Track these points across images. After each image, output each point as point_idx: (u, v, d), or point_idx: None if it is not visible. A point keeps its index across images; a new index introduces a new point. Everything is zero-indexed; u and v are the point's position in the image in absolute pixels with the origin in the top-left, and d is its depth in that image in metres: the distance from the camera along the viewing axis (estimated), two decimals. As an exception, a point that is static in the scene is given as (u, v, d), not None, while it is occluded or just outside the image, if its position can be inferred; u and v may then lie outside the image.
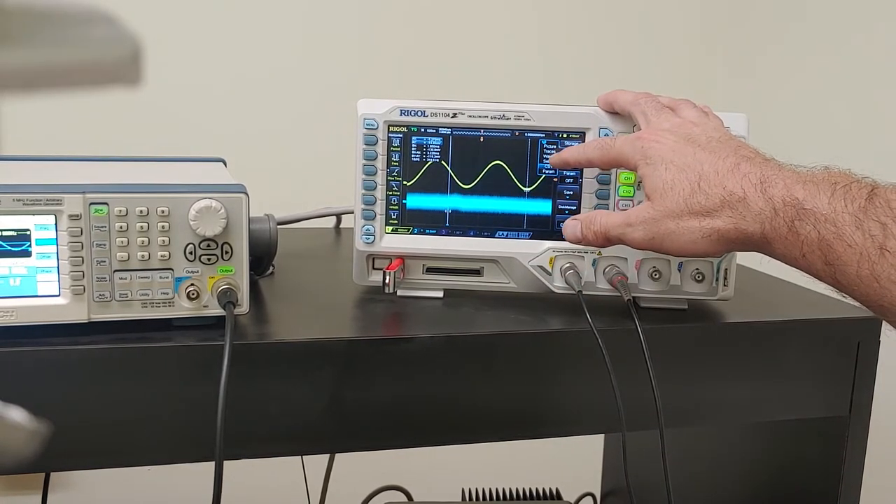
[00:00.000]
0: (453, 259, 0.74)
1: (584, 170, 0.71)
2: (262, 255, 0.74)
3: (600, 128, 0.70)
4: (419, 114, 0.71)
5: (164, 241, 0.60)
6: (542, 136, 0.71)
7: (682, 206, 0.59)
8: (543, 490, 1.16)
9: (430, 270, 0.74)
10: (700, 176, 0.59)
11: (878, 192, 0.54)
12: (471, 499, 1.16)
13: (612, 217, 0.64)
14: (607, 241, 0.65)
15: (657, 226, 0.61)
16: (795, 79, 1.57)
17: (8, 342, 0.57)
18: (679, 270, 0.72)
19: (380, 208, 0.72)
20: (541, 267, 0.72)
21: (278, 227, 0.75)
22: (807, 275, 0.58)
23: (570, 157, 0.68)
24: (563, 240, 0.72)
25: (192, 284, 0.61)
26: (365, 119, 0.71)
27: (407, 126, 0.72)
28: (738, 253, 0.72)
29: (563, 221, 0.72)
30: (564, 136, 0.71)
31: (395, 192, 0.73)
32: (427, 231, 0.73)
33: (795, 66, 1.57)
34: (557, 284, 0.72)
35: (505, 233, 0.73)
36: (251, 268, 0.68)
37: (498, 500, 1.16)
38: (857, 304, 0.57)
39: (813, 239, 0.55)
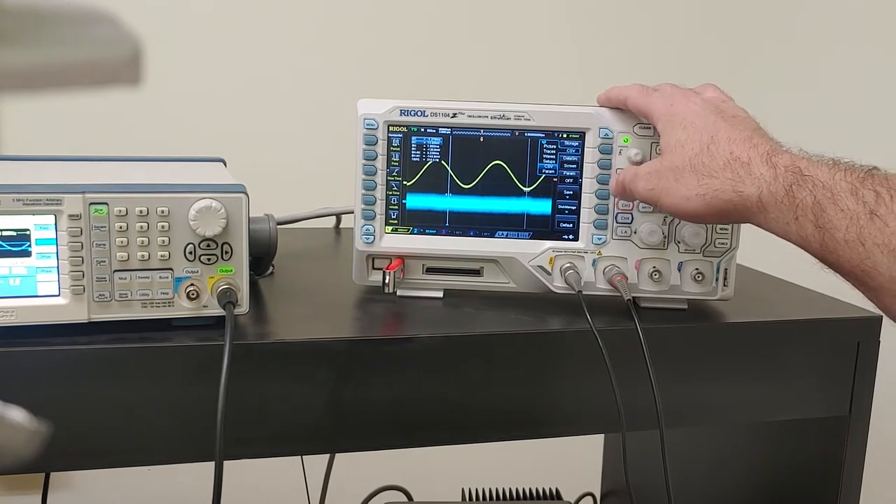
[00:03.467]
0: (453, 259, 0.74)
1: (584, 170, 0.71)
2: (262, 255, 0.74)
3: (600, 128, 0.70)
4: (419, 114, 0.71)
5: (163, 241, 0.60)
6: (542, 135, 0.71)
7: (687, 163, 0.61)
8: (543, 490, 1.16)
9: (429, 270, 0.74)
10: (712, 139, 0.61)
11: (878, 170, 0.56)
12: (471, 499, 1.16)
13: (631, 168, 0.67)
14: (623, 190, 0.68)
15: (659, 179, 0.63)
16: (795, 79, 1.57)
17: (8, 342, 0.57)
18: (679, 270, 0.72)
19: (380, 208, 0.72)
20: (541, 267, 0.72)
21: (278, 227, 0.75)
22: (793, 245, 0.59)
23: (612, 94, 0.70)
24: (563, 240, 0.72)
25: (191, 284, 0.61)
26: (365, 119, 0.71)
27: (407, 126, 0.72)
28: (738, 253, 0.72)
29: (563, 221, 0.72)
30: (564, 136, 0.71)
31: (395, 192, 0.73)
32: (427, 231, 0.73)
33: (795, 65, 1.57)
34: (557, 284, 0.72)
35: (505, 233, 0.73)
36: (251, 268, 0.68)
37: (498, 500, 1.16)
38: (845, 283, 0.58)
39: (808, 203, 0.56)
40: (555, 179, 0.72)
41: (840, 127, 1.45)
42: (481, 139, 0.72)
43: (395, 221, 0.73)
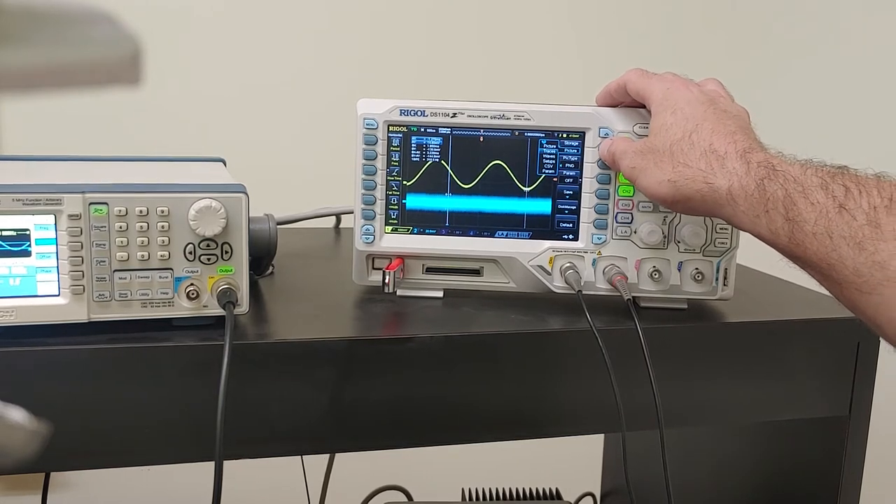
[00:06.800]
0: (453, 259, 0.74)
1: (584, 169, 0.71)
2: (262, 255, 0.74)
3: (600, 127, 0.70)
4: (419, 114, 0.71)
5: (163, 241, 0.60)
6: (541, 135, 0.71)
7: (666, 148, 0.62)
8: (543, 490, 1.16)
9: (429, 270, 0.74)
10: (696, 128, 0.62)
11: (848, 168, 0.57)
12: (471, 499, 1.16)
13: (624, 142, 0.68)
14: (612, 161, 0.69)
15: (640, 159, 0.64)
16: (793, 82, 1.57)
17: (8, 342, 0.57)
18: (679, 270, 0.72)
19: (379, 208, 0.72)
20: (540, 267, 0.72)
21: (278, 226, 0.75)
22: (760, 240, 0.59)
23: (611, 85, 0.71)
24: (563, 240, 0.72)
25: (191, 284, 0.61)
26: (365, 119, 0.71)
27: (407, 126, 0.72)
28: (738, 253, 0.72)
29: (562, 221, 0.72)
30: (564, 135, 0.71)
31: (395, 192, 0.73)
32: (427, 231, 0.73)
33: (794, 68, 1.57)
34: (557, 284, 0.73)
35: (505, 233, 0.73)
36: (251, 268, 0.68)
37: (498, 500, 1.16)
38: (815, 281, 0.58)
39: (779, 196, 0.56)
40: (555, 179, 0.72)
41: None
42: (481, 139, 0.72)
43: (395, 221, 0.73)
